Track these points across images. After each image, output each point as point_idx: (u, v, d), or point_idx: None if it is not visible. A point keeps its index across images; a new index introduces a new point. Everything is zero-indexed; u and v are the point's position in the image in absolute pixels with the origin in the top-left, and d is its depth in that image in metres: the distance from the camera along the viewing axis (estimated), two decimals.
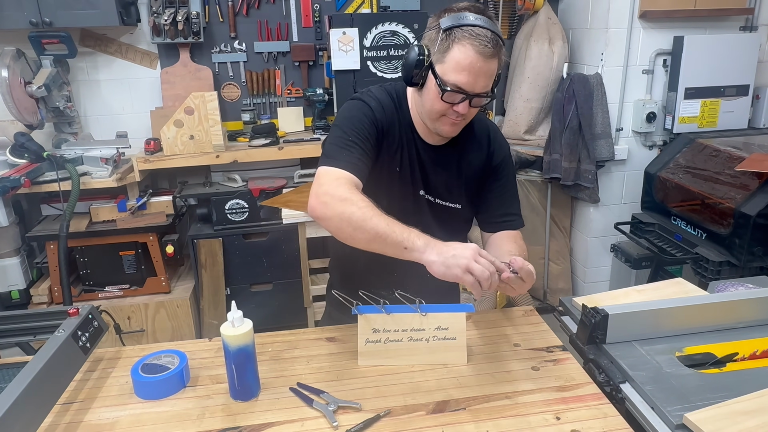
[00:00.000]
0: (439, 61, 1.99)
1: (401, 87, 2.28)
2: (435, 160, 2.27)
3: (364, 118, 2.14)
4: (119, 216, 4.37)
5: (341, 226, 1.92)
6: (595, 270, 5.16)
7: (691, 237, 3.99)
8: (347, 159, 2.05)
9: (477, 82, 1.97)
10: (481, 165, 2.33)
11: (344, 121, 2.15)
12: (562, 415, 1.81)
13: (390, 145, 2.21)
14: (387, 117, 2.19)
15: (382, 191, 2.20)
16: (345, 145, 2.08)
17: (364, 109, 2.17)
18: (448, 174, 2.30)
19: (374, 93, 2.25)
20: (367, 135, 2.11)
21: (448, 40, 1.95)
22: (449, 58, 1.96)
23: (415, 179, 2.27)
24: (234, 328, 1.85)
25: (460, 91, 1.99)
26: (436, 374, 2.04)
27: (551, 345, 2.21)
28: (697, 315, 2.16)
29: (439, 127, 2.14)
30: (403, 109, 2.24)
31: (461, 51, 1.93)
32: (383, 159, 2.21)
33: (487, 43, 1.91)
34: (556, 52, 4.79)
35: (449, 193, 2.32)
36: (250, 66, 5.00)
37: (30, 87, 4.17)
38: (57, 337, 1.92)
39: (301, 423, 1.80)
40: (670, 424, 1.68)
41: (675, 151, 4.43)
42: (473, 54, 1.92)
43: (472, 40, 1.91)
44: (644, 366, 1.94)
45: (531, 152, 4.95)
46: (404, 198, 2.26)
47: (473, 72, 1.95)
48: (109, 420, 1.84)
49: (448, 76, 1.98)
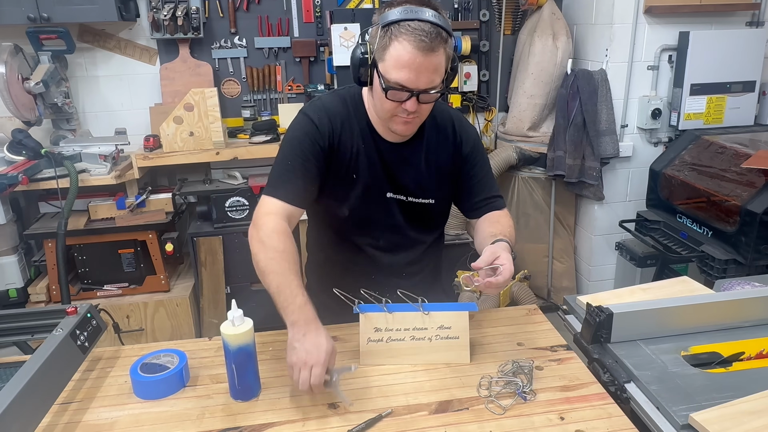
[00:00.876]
0: (380, 59, 1.98)
1: (356, 89, 2.27)
2: (400, 158, 2.26)
3: (305, 138, 2.16)
4: (118, 214, 4.37)
5: (254, 263, 2.05)
6: (599, 268, 5.16)
7: (696, 235, 3.98)
8: (285, 187, 2.14)
9: (419, 78, 1.95)
10: (449, 157, 2.32)
11: (286, 144, 2.21)
12: (566, 415, 1.81)
13: (343, 154, 2.21)
14: (335, 127, 2.19)
15: (341, 201, 2.23)
16: (284, 170, 2.17)
17: (306, 127, 2.18)
18: (416, 170, 2.29)
19: (323, 102, 2.25)
20: (308, 155, 2.15)
21: (386, 37, 1.94)
22: (388, 56, 1.95)
23: (379, 182, 2.26)
24: (234, 327, 1.86)
25: (404, 89, 1.97)
26: (439, 374, 2.04)
27: (555, 344, 2.21)
28: (703, 314, 2.16)
29: (393, 127, 2.14)
30: (359, 112, 2.24)
31: (400, 47, 1.91)
32: (336, 170, 2.22)
33: (424, 38, 1.88)
34: (560, 47, 4.79)
35: (420, 189, 2.31)
36: (250, 62, 4.99)
37: (28, 83, 4.17)
38: (55, 336, 1.92)
39: (302, 423, 1.80)
40: (675, 425, 1.68)
41: (680, 148, 4.42)
42: (411, 50, 1.90)
43: (409, 36, 1.89)
44: (649, 365, 1.94)
45: (534, 149, 4.95)
46: (368, 203, 2.26)
47: (414, 68, 1.93)
48: (107, 420, 1.84)
49: (389, 74, 1.96)
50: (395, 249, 2.36)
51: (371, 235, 2.35)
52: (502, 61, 5.30)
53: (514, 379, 1.96)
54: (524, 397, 1.89)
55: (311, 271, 2.67)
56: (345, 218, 2.29)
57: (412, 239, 2.37)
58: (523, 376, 1.97)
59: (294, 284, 1.95)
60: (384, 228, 2.31)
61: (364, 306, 2.08)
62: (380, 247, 2.35)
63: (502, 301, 4.81)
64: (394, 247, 2.36)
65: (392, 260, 2.38)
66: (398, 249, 2.36)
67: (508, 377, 1.97)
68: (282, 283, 1.95)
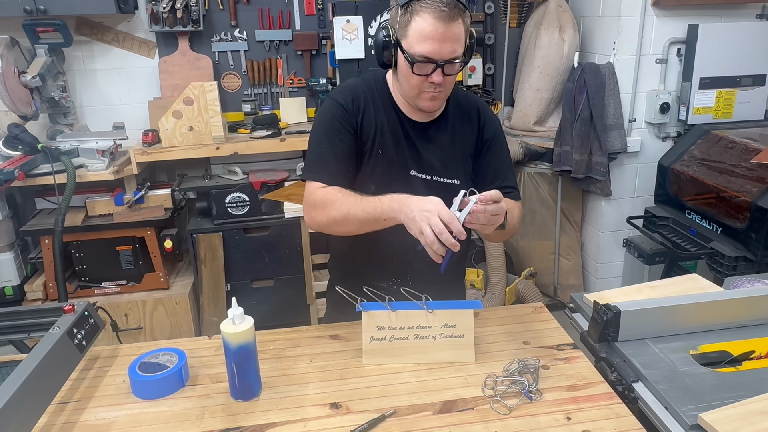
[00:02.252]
0: (403, 37, 2.07)
1: (381, 73, 2.36)
2: (426, 137, 2.32)
3: (334, 120, 2.25)
4: (116, 210, 4.37)
5: (336, 228, 2.17)
6: (606, 265, 5.15)
7: (705, 231, 3.98)
8: (323, 169, 2.23)
9: (443, 47, 2.04)
10: (473, 139, 2.38)
11: (318, 128, 2.31)
12: (573, 415, 1.81)
13: (368, 130, 2.28)
14: (360, 105, 2.28)
15: (367, 177, 2.28)
16: (320, 154, 2.27)
17: (333, 109, 2.27)
18: (442, 150, 2.34)
19: (347, 84, 2.36)
20: (340, 137, 2.24)
21: (407, 14, 2.04)
22: (411, 31, 2.04)
23: (404, 159, 2.31)
24: (234, 325, 1.86)
25: (429, 61, 2.06)
26: (443, 373, 2.04)
27: (562, 343, 2.21)
28: (712, 312, 2.16)
29: (420, 103, 2.21)
30: (384, 93, 2.32)
31: (421, 21, 2.01)
32: (364, 148, 2.29)
33: (443, 7, 1.98)
34: (567, 40, 4.78)
35: (446, 168, 2.35)
36: (251, 55, 4.99)
37: (24, 77, 4.16)
38: (52, 334, 1.92)
39: (303, 423, 1.80)
40: (684, 425, 1.68)
41: (689, 143, 4.41)
42: (432, 21, 1.99)
43: (428, 8, 1.99)
44: (657, 364, 1.94)
45: (541, 144, 4.95)
46: (392, 180, 2.28)
47: (437, 38, 2.02)
48: (105, 420, 1.84)
49: (413, 48, 2.05)
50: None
51: None
52: (507, 54, 5.29)
53: (520, 379, 1.95)
54: (530, 396, 1.89)
55: (334, 266, 2.71)
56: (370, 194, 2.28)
57: None
58: (529, 375, 1.97)
59: (371, 198, 2.06)
60: None
61: (367, 304, 2.08)
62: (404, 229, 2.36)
63: (507, 299, 4.82)
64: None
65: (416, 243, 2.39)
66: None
67: (513, 376, 1.97)
68: (364, 204, 2.06)
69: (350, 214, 2.07)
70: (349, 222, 2.09)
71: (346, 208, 2.07)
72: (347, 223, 2.09)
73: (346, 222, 2.09)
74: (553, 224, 5.18)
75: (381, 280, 2.35)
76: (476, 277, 4.89)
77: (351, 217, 2.07)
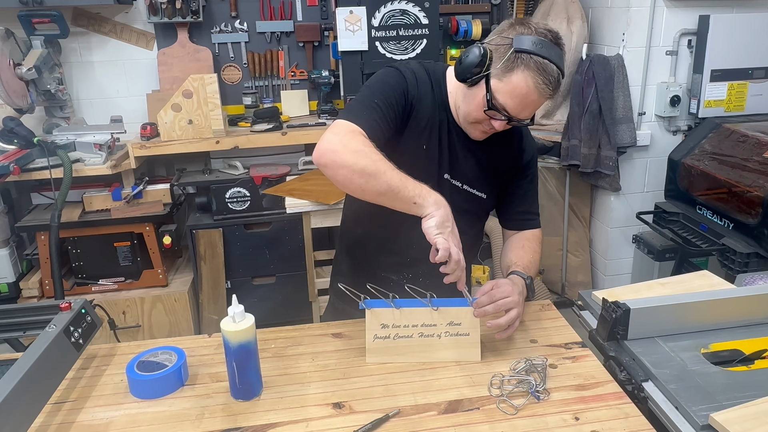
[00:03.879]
0: (496, 77, 2.02)
1: (441, 68, 2.33)
2: (466, 145, 2.31)
3: (396, 86, 2.19)
4: (114, 205, 4.38)
5: (352, 177, 1.97)
6: (616, 262, 5.15)
7: (717, 227, 3.97)
8: (367, 118, 2.08)
9: (524, 111, 2.06)
10: (510, 161, 2.41)
11: (375, 84, 2.21)
12: (581, 415, 1.81)
13: (419, 122, 2.25)
14: (421, 92, 2.23)
15: (405, 167, 2.22)
16: (368, 105, 2.12)
17: (397, 77, 2.21)
18: (477, 162, 2.34)
19: (412, 66, 2.28)
20: (393, 103, 2.16)
21: (516, 62, 1.98)
22: (508, 80, 2.00)
23: (442, 161, 2.31)
24: (235, 323, 1.85)
25: (505, 114, 2.06)
26: (449, 372, 2.04)
27: (570, 341, 2.21)
28: (724, 309, 2.15)
29: (470, 131, 2.24)
30: (441, 89, 2.29)
31: (523, 78, 1.98)
32: (410, 134, 2.26)
33: (549, 83, 1.98)
34: (575, 32, 4.77)
35: (477, 180, 2.37)
36: (251, 47, 5.00)
37: (19, 69, 4.17)
38: (48, 333, 1.92)
39: (305, 423, 1.80)
40: (695, 425, 1.68)
41: (700, 137, 4.40)
42: (532, 87, 1.98)
43: (537, 74, 1.96)
44: (668, 363, 1.94)
45: (548, 138, 4.94)
46: (427, 178, 2.26)
47: (525, 102, 2.02)
48: (103, 420, 1.84)
49: (500, 95, 2.03)
50: None
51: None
52: None
53: (527, 378, 1.95)
54: (537, 396, 1.89)
55: (344, 252, 2.69)
56: None
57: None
58: (537, 374, 1.97)
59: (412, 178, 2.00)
60: None
61: (370, 301, 2.08)
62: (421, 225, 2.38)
63: None
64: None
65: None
66: None
67: (520, 376, 1.97)
68: (403, 177, 1.98)
69: (384, 174, 1.95)
70: (375, 182, 1.95)
71: (383, 167, 1.95)
72: (372, 179, 1.95)
73: (372, 178, 1.95)
74: (560, 220, 5.18)
75: (392, 272, 2.37)
76: (482, 274, 4.89)
77: (381, 177, 1.95)
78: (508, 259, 2.40)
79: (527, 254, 2.39)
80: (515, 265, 2.32)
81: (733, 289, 2.37)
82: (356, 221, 2.55)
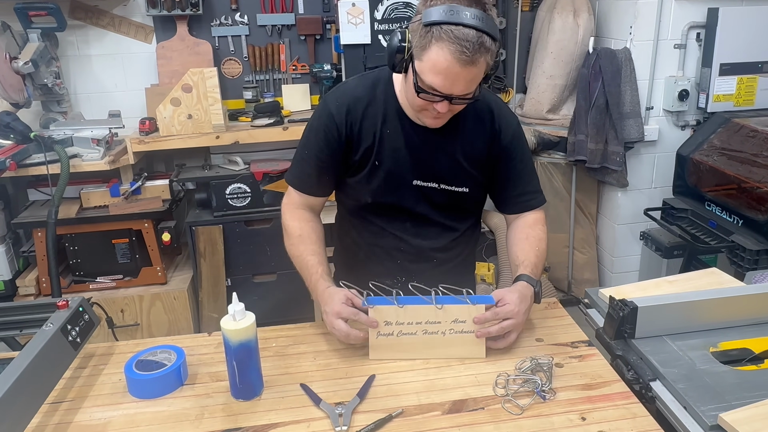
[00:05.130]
0: (417, 57, 1.96)
1: (387, 72, 2.28)
2: (433, 144, 2.28)
3: (320, 129, 2.29)
4: (112, 201, 4.37)
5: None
6: (623, 259, 5.14)
7: (726, 224, 3.97)
8: (300, 178, 2.38)
9: (454, 86, 1.96)
10: (486, 146, 2.33)
11: (306, 132, 2.38)
12: (587, 415, 1.81)
13: (364, 141, 2.26)
14: (355, 114, 2.25)
15: (362, 188, 2.31)
16: (300, 159, 2.38)
17: (323, 117, 2.29)
18: (449, 158, 2.30)
19: (347, 87, 2.35)
20: (322, 146, 2.29)
21: (428, 37, 1.90)
22: (426, 58, 1.93)
23: (405, 170, 2.29)
24: (235, 321, 1.85)
25: (436, 94, 1.98)
26: (453, 371, 2.04)
27: (576, 340, 2.21)
28: (733, 308, 2.15)
29: (423, 120, 2.19)
30: (389, 96, 2.27)
31: (439, 52, 1.89)
32: (360, 159, 2.29)
33: (466, 49, 1.85)
34: (582, 25, 4.76)
35: (453, 176, 2.33)
36: (252, 40, 4.99)
37: (16, 63, 4.16)
38: (45, 331, 1.92)
39: (307, 424, 1.80)
40: (704, 425, 1.68)
41: (709, 132, 4.40)
42: (450, 59, 1.88)
43: (451, 43, 1.86)
44: (676, 362, 1.94)
45: (554, 133, 4.94)
46: (392, 191, 2.31)
47: (450, 76, 1.93)
48: (100, 421, 1.85)
49: (424, 75, 1.96)
50: (424, 235, 2.38)
51: (398, 220, 2.39)
52: (519, 39, 5.28)
53: (533, 377, 1.95)
54: (543, 396, 1.89)
55: (339, 259, 2.73)
56: (368, 205, 2.36)
57: (442, 226, 2.40)
58: (542, 373, 1.97)
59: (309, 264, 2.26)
60: (410, 215, 2.37)
61: (373, 299, 2.08)
62: (408, 231, 2.38)
63: None
64: (422, 234, 2.39)
65: (421, 246, 2.41)
66: (427, 236, 2.38)
67: (526, 375, 1.97)
68: (302, 267, 2.29)
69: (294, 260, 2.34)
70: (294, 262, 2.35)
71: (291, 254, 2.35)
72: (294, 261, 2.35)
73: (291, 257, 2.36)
74: (567, 216, 5.18)
75: (385, 277, 2.34)
76: (487, 272, 4.89)
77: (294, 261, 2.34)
78: (515, 256, 2.37)
79: (532, 248, 2.35)
80: (523, 266, 2.28)
81: (742, 286, 2.37)
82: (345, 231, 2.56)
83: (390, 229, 2.37)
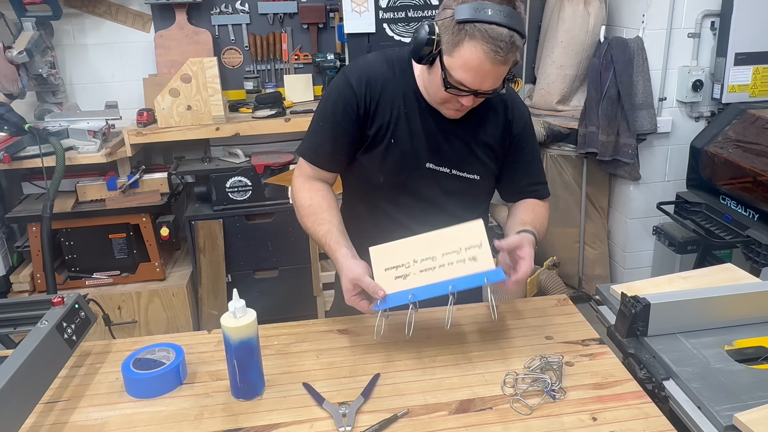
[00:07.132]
0: (447, 53, 2.01)
1: (406, 52, 2.29)
2: (448, 128, 2.31)
3: (339, 101, 2.28)
4: (109, 195, 4.38)
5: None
6: (635, 255, 5.14)
7: (741, 218, 3.96)
8: (314, 150, 2.36)
9: (484, 82, 2.02)
10: (499, 134, 2.37)
11: (322, 103, 2.37)
12: (599, 415, 1.81)
13: (381, 117, 2.28)
14: (374, 89, 2.27)
15: (377, 167, 2.32)
16: (315, 131, 2.37)
17: (342, 88, 2.29)
18: (463, 143, 2.33)
19: (366, 62, 2.37)
20: (339, 120, 2.28)
21: (461, 34, 1.94)
22: (458, 54, 1.97)
23: (419, 151, 2.31)
24: (236, 318, 1.85)
25: (465, 89, 2.04)
26: (460, 370, 2.04)
27: (587, 338, 2.20)
28: (749, 304, 2.15)
29: (443, 111, 2.24)
30: (406, 77, 2.30)
31: (471, 51, 1.94)
32: (373, 134, 2.30)
33: (500, 49, 1.91)
34: (593, 13, 4.75)
35: (465, 162, 2.35)
36: (253, 29, 4.99)
37: (10, 52, 4.15)
38: (40, 329, 1.92)
39: (310, 424, 1.80)
40: (718, 425, 1.68)
41: (724, 123, 4.39)
42: (483, 57, 1.93)
43: (485, 42, 1.91)
44: (690, 361, 1.94)
45: (564, 124, 4.94)
46: (405, 172, 2.32)
47: (481, 74, 1.99)
48: (97, 421, 1.85)
49: (454, 71, 2.01)
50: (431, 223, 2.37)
51: (407, 205, 2.40)
52: (529, 28, 5.25)
53: (542, 376, 1.95)
54: (553, 395, 1.88)
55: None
56: (379, 185, 2.37)
57: (451, 214, 2.39)
58: (552, 372, 1.97)
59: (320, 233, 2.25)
60: (420, 199, 2.38)
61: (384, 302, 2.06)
62: (416, 218, 2.37)
63: (529, 291, 4.80)
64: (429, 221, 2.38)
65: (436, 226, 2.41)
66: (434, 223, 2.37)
67: (535, 374, 1.97)
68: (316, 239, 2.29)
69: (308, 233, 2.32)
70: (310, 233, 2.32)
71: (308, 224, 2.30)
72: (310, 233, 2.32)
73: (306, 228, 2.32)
74: (577, 210, 5.17)
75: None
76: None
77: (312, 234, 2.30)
78: (519, 219, 2.35)
79: (538, 218, 2.37)
80: (530, 224, 2.27)
81: (758, 283, 2.36)
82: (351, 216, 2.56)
83: (397, 216, 2.37)
